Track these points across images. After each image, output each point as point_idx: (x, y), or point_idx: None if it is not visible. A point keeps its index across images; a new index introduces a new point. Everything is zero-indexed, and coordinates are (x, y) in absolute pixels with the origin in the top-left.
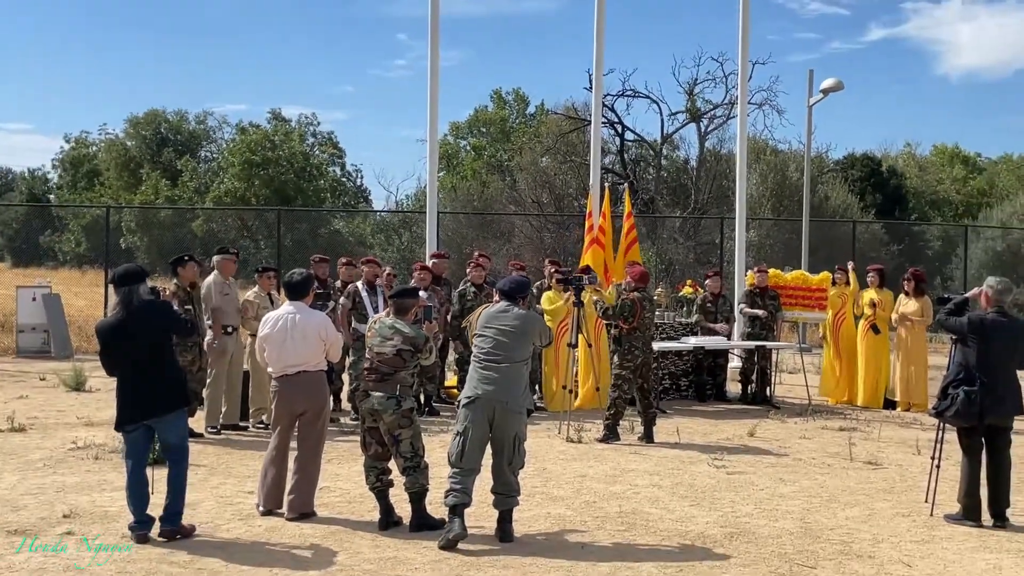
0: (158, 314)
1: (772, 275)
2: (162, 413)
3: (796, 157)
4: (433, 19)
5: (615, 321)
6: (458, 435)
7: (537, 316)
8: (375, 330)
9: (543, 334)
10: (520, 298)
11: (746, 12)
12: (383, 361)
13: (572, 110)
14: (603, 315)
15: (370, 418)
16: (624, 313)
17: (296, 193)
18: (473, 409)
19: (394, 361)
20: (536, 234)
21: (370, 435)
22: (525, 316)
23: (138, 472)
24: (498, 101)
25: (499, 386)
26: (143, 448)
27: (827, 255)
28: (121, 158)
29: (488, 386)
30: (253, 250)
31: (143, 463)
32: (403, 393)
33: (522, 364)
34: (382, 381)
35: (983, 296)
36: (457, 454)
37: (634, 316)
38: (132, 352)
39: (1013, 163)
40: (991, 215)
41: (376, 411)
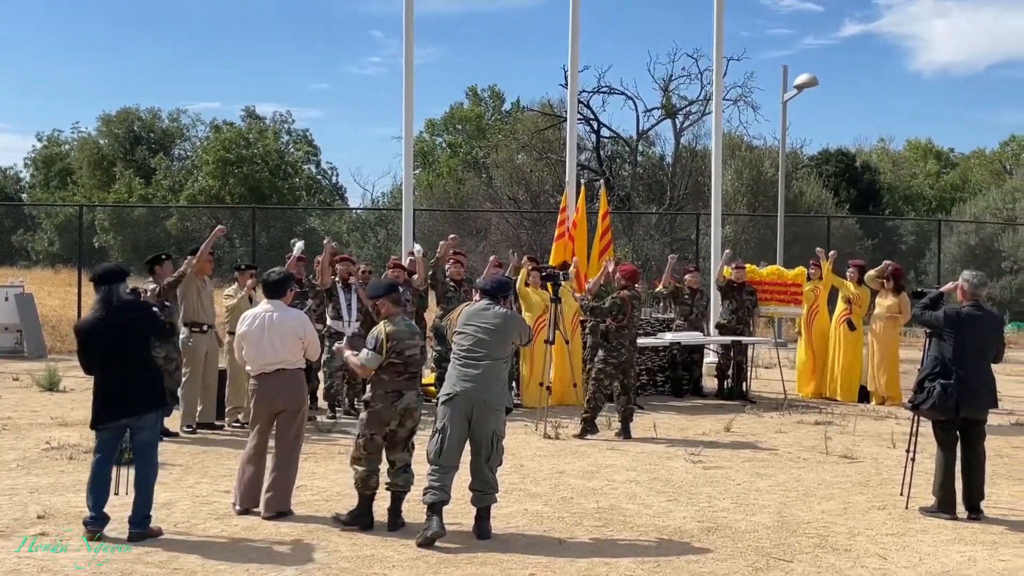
0: (138, 314)
1: (748, 270)
2: (139, 413)
3: (771, 153)
4: (407, 16)
5: (604, 319)
6: (437, 432)
7: (518, 315)
8: (404, 331)
9: (523, 333)
10: (502, 298)
11: (720, 9)
12: (414, 362)
13: (548, 107)
14: (591, 314)
15: (398, 419)
16: (614, 312)
17: (271, 191)
18: (452, 406)
19: (420, 361)
20: (513, 231)
21: (383, 438)
22: (507, 315)
23: (103, 468)
24: (474, 98)
25: (479, 383)
26: (113, 446)
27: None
28: (94, 156)
29: (468, 383)
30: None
31: (110, 460)
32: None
33: (502, 362)
34: (412, 379)
35: (959, 290)
36: (436, 451)
37: (624, 314)
38: (111, 351)
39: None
40: (964, 209)
41: (410, 409)
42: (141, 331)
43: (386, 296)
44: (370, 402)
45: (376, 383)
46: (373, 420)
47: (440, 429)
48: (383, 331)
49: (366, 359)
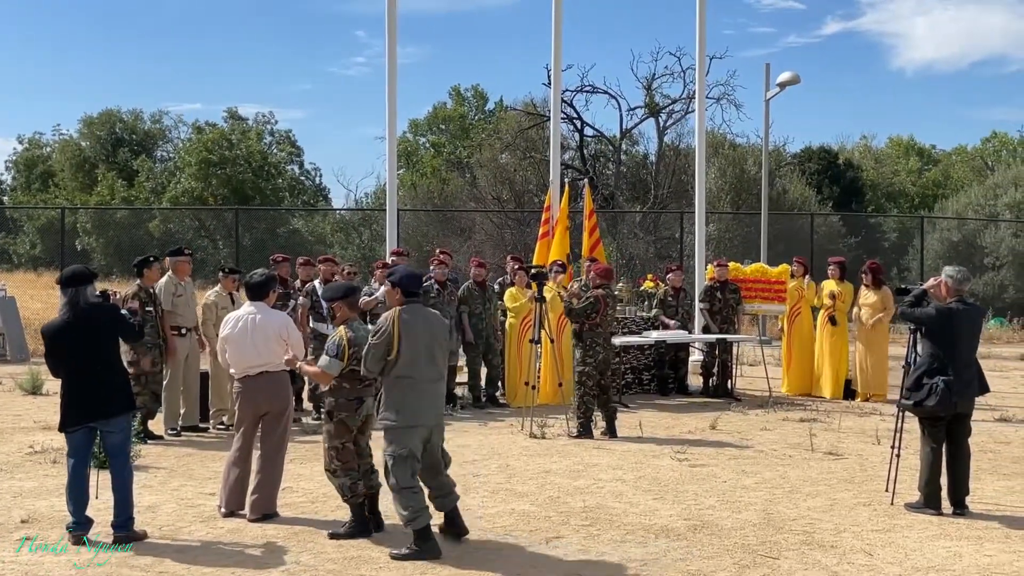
0: (105, 316)
1: (732, 268)
2: (107, 416)
3: (754, 151)
4: (391, 16)
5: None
6: (403, 459)
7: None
8: (363, 336)
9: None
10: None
11: (703, 7)
12: None
13: (531, 106)
14: (570, 316)
15: (359, 426)
16: (588, 311)
17: (254, 192)
18: (415, 435)
19: None
20: (497, 231)
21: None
22: (446, 325)
23: (79, 472)
24: (457, 98)
25: (439, 408)
26: (85, 449)
27: (786, 248)
28: (76, 159)
29: (432, 411)
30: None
31: (85, 463)
32: None
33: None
34: (370, 385)
35: (942, 286)
36: (408, 477)
37: (597, 312)
38: (78, 354)
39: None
40: (946, 206)
41: (370, 416)
42: (108, 334)
43: (343, 299)
44: (334, 412)
45: (338, 391)
46: (341, 430)
47: (405, 456)
48: (344, 336)
49: (327, 365)
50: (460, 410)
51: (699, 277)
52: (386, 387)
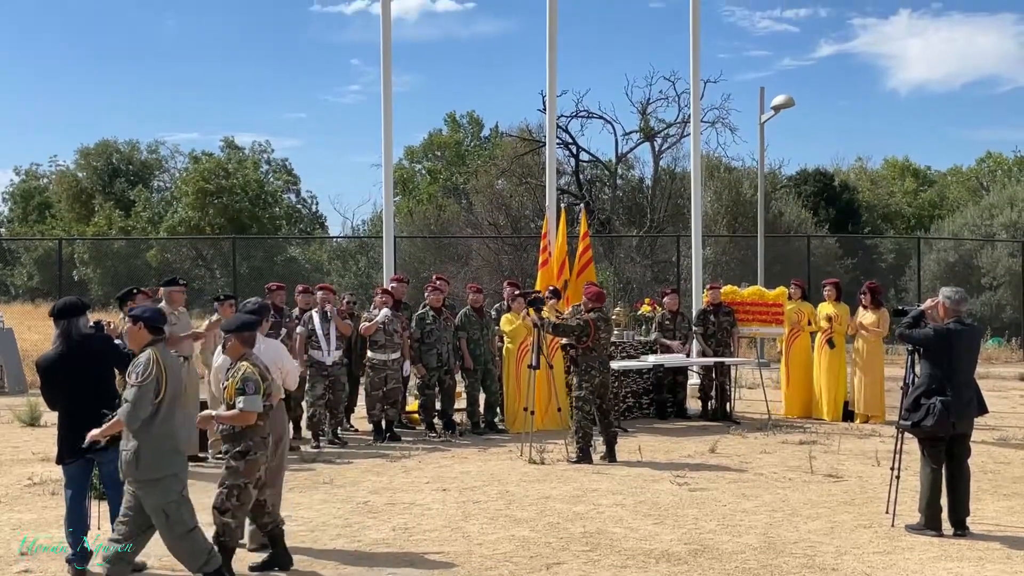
0: (99, 347)
1: (729, 291)
2: (105, 446)
3: (750, 174)
4: (385, 44)
5: (569, 339)
6: (249, 485)
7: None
8: (265, 370)
9: None
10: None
11: (696, 31)
12: (270, 402)
13: (527, 132)
14: (554, 332)
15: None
16: (577, 332)
17: (251, 221)
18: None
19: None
20: (494, 256)
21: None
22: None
23: (78, 503)
24: (452, 124)
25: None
26: (83, 480)
27: (783, 270)
28: (72, 189)
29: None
30: (208, 279)
31: (83, 494)
32: None
33: None
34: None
35: (940, 307)
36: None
37: (588, 336)
38: (73, 385)
39: (962, 175)
40: (943, 227)
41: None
42: (102, 364)
43: (236, 332)
44: (248, 451)
45: (253, 429)
46: (251, 469)
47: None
48: (256, 372)
49: (250, 404)
50: (459, 436)
51: (696, 300)
52: (141, 432)
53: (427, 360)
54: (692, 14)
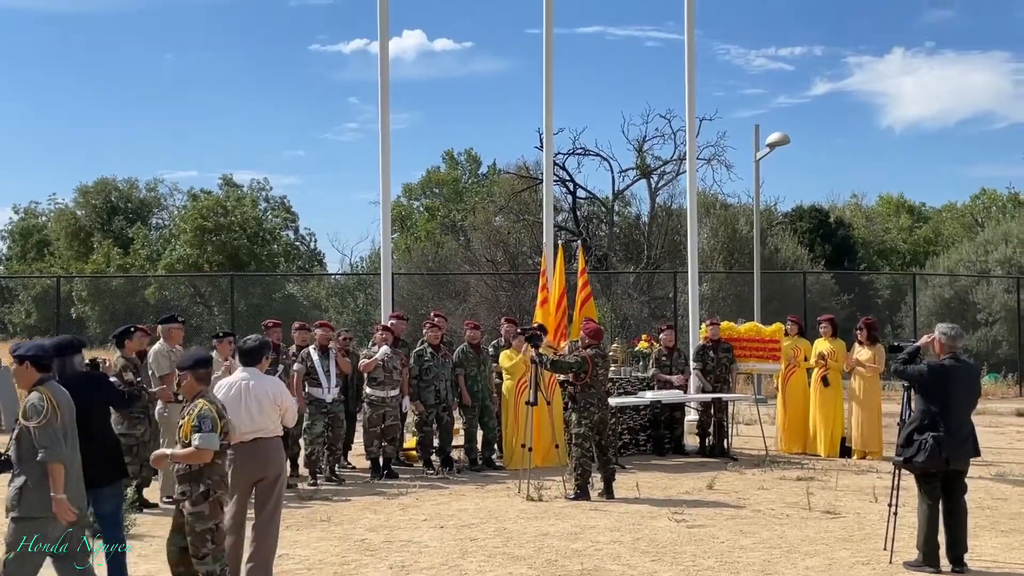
0: (93, 386)
1: (726, 327)
2: (97, 485)
3: (746, 211)
4: (383, 83)
5: (566, 375)
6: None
7: None
8: (223, 408)
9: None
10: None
11: (692, 70)
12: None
13: (524, 169)
14: (552, 368)
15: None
16: (575, 369)
17: (249, 258)
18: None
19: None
20: (492, 293)
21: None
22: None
23: None
24: (450, 162)
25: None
26: None
27: (779, 307)
28: (71, 227)
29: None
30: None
31: None
32: None
33: None
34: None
35: (936, 343)
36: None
37: (586, 372)
38: None
39: (957, 211)
40: (938, 263)
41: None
42: (96, 403)
43: (191, 369)
44: (209, 491)
45: (211, 468)
46: (216, 510)
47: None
48: (213, 409)
49: (207, 441)
50: (456, 473)
51: (693, 336)
52: (32, 470)
53: (425, 397)
54: (687, 53)
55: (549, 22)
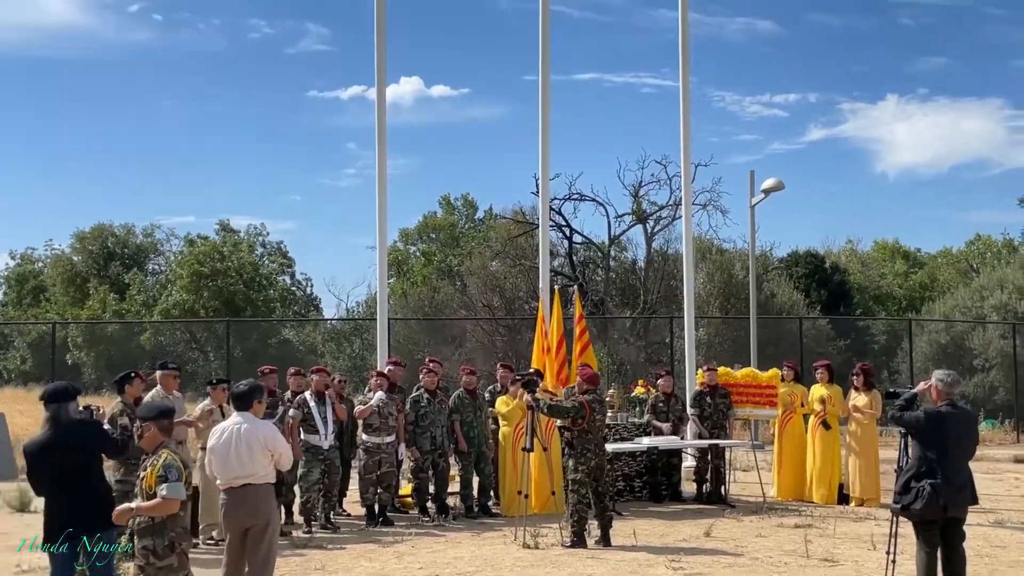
0: (87, 432)
1: (722, 373)
2: (91, 532)
3: (742, 256)
4: (380, 128)
5: (563, 420)
6: None
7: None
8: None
9: None
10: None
11: (687, 116)
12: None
13: (520, 214)
14: (548, 412)
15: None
16: (572, 414)
17: (245, 304)
18: None
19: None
20: (488, 338)
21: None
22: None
23: None
24: (447, 207)
25: None
26: (68, 567)
27: (775, 352)
28: (67, 273)
29: None
30: (202, 362)
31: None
32: None
33: None
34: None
35: (932, 389)
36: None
37: (583, 418)
38: (60, 470)
39: (952, 256)
40: (934, 308)
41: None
42: (89, 449)
43: (154, 420)
44: (175, 543)
45: (174, 520)
46: (184, 559)
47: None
48: (177, 459)
49: (174, 491)
50: (452, 520)
51: (690, 382)
52: None
53: (421, 443)
54: (682, 99)
55: (545, 69)
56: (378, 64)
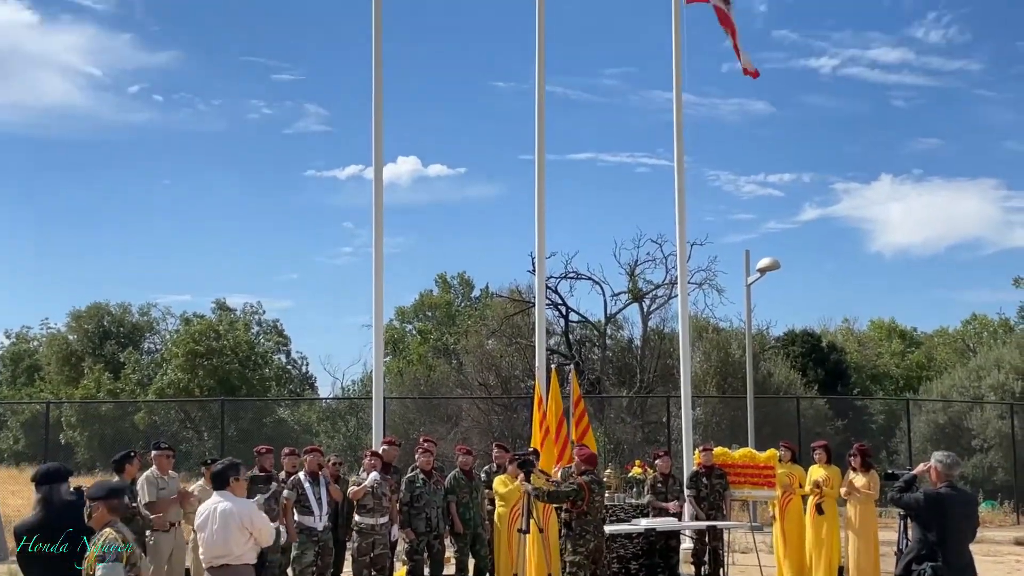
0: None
1: (720, 453)
2: None
3: (738, 335)
4: (377, 208)
5: (562, 504)
6: None
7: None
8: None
9: None
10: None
11: (682, 195)
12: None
13: (516, 292)
14: (548, 499)
15: None
16: (571, 497)
17: (240, 382)
18: None
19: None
20: (484, 417)
21: None
22: None
23: None
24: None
25: None
26: None
27: (773, 431)
28: (62, 352)
29: None
30: (196, 442)
31: None
32: None
33: None
34: None
35: (932, 471)
36: None
37: (583, 499)
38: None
39: (949, 336)
40: (931, 388)
41: None
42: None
43: (104, 500)
44: None
45: None
46: None
47: None
48: (119, 539)
49: (110, 571)
50: None
51: (687, 462)
52: None
53: (416, 524)
54: (677, 179)
55: (541, 149)
56: (375, 144)
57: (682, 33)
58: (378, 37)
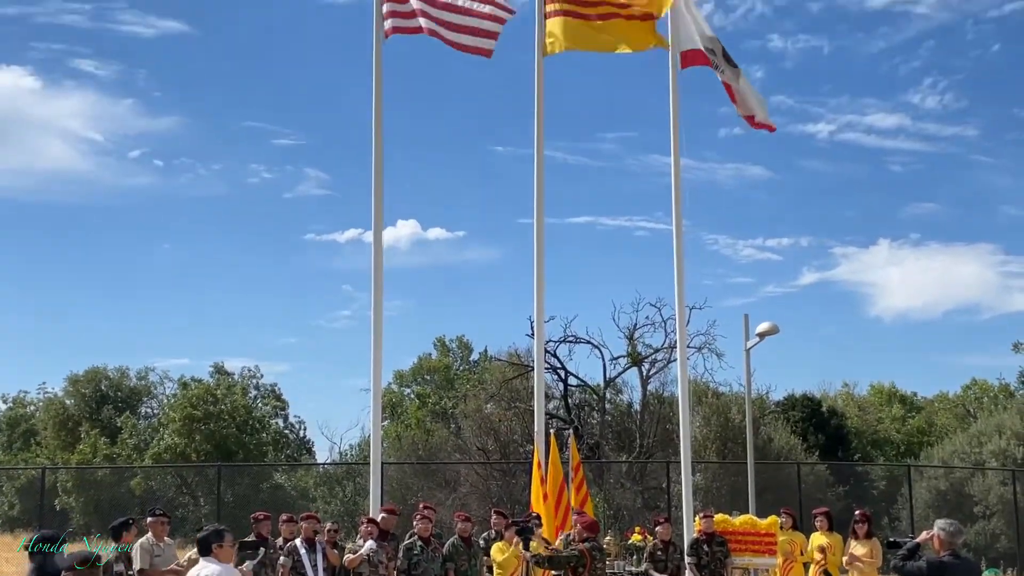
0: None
1: (720, 520)
2: None
3: (738, 399)
4: (376, 271)
5: (563, 570)
6: None
7: None
8: None
9: None
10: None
11: (680, 259)
12: None
13: (515, 356)
14: (549, 564)
15: None
16: (572, 563)
17: (238, 447)
18: None
19: None
20: (482, 482)
21: None
22: None
23: None
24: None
25: None
26: None
27: (774, 498)
28: (59, 416)
29: None
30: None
31: None
32: None
33: None
34: None
35: (935, 539)
36: None
37: (584, 567)
38: None
39: (949, 401)
40: (932, 454)
41: None
42: None
43: (69, 571)
44: None
45: None
46: None
47: None
48: None
49: None
50: None
51: (687, 528)
52: None
53: None
54: (676, 242)
55: (540, 212)
56: (375, 208)
57: (679, 98)
58: (378, 102)
